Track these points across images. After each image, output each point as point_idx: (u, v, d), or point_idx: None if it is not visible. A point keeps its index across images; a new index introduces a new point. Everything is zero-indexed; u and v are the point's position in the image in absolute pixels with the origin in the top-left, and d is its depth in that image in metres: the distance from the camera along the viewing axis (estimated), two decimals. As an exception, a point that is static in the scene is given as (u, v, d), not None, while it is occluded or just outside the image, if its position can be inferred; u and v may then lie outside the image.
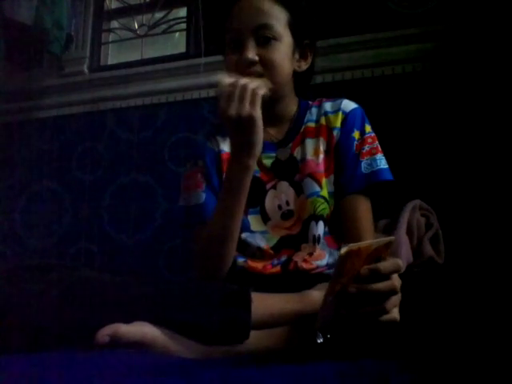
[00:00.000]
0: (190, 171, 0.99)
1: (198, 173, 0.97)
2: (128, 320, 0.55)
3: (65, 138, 1.88)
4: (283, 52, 0.91)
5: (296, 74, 0.96)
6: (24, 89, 1.92)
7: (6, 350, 0.50)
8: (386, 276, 0.57)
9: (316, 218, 0.92)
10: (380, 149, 0.94)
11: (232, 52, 0.92)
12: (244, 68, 0.88)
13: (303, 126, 0.98)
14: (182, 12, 1.92)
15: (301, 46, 0.96)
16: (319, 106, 1.00)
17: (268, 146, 0.95)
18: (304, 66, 0.98)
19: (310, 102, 1.03)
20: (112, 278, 0.62)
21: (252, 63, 0.88)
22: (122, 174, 1.76)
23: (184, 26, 1.88)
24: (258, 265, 0.90)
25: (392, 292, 0.58)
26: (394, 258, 0.59)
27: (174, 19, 1.93)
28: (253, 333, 0.59)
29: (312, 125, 0.98)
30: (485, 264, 1.10)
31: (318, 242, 0.90)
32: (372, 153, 0.93)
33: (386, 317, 0.58)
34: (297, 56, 0.96)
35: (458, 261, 1.11)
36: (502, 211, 1.23)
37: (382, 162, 0.92)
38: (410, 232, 1.05)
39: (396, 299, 0.59)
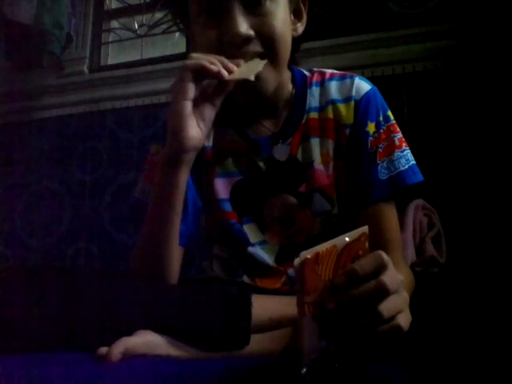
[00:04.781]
0: (153, 158, 0.79)
1: None
2: (128, 324, 0.55)
3: (65, 138, 1.88)
4: (282, 17, 0.68)
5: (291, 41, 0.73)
6: (24, 89, 1.92)
7: (6, 350, 0.50)
8: (370, 276, 0.44)
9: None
10: (399, 142, 0.75)
11: (208, 24, 0.66)
12: (234, 48, 0.65)
13: (305, 116, 0.77)
14: (182, 12, 1.92)
15: (294, 2, 0.73)
16: (322, 85, 0.78)
17: (263, 144, 0.77)
18: (300, 28, 0.76)
19: (307, 74, 0.80)
20: (112, 281, 0.62)
21: (247, 41, 0.65)
22: (122, 174, 1.76)
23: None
24: (267, 284, 0.78)
25: (381, 292, 0.44)
26: (374, 252, 0.46)
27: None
28: (253, 336, 0.58)
29: (315, 115, 0.77)
30: (486, 264, 1.10)
31: None
32: (388, 152, 0.74)
33: (386, 326, 0.44)
34: (291, 17, 0.73)
35: (460, 260, 1.11)
36: (503, 211, 1.23)
37: (402, 162, 0.73)
38: (412, 231, 1.05)
39: (396, 301, 0.45)
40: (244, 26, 0.64)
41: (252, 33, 0.65)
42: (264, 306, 0.61)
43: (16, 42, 1.83)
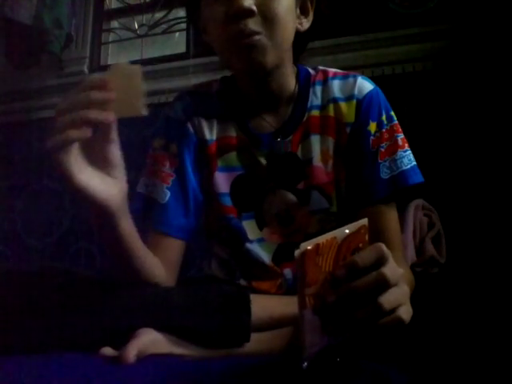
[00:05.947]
0: (156, 152, 0.80)
1: (166, 160, 0.78)
2: (128, 324, 0.55)
3: (65, 138, 1.88)
4: (286, 4, 0.70)
5: (296, 36, 0.75)
6: (24, 89, 1.92)
7: (6, 350, 0.50)
8: (370, 268, 0.44)
9: None
10: (402, 141, 0.75)
11: (215, 1, 0.69)
12: (236, 22, 0.67)
13: (306, 114, 0.77)
14: (182, 12, 1.92)
15: None
16: (324, 83, 0.79)
17: (264, 140, 0.77)
18: (306, 24, 0.77)
19: (312, 72, 0.81)
20: (112, 281, 0.62)
21: (249, 13, 0.67)
22: (121, 173, 1.76)
23: (184, 25, 1.88)
24: (263, 286, 0.77)
25: (382, 284, 0.44)
26: (374, 244, 0.46)
27: (174, 19, 1.93)
28: (253, 335, 0.57)
29: (317, 113, 0.77)
30: (486, 264, 1.10)
31: None
32: (391, 152, 0.74)
33: (387, 318, 0.44)
34: (297, 11, 0.75)
35: (460, 260, 1.11)
36: (503, 211, 1.23)
37: (404, 161, 0.73)
38: (412, 231, 1.06)
39: (396, 294, 0.45)
40: (248, 1, 0.66)
41: (255, 8, 0.67)
42: (264, 305, 0.62)
43: (16, 42, 1.83)
